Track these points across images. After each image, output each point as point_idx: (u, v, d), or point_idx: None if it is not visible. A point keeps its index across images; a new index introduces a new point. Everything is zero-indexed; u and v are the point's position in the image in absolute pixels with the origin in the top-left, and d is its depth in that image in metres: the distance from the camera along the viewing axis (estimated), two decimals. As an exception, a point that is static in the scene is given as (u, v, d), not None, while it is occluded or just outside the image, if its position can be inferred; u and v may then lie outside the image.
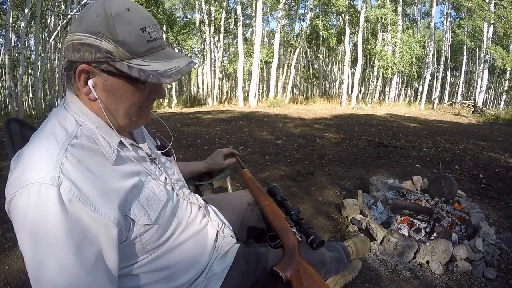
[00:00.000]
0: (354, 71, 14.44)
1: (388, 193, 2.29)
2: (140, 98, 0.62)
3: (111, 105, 0.61)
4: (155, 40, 0.59)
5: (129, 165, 0.64)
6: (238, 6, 13.11)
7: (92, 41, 0.55)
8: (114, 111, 0.62)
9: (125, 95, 0.60)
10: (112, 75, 0.58)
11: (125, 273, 0.64)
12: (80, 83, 0.59)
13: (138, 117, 0.65)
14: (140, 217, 0.61)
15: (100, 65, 0.57)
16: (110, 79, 0.58)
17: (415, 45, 13.42)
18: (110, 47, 0.55)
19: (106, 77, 0.58)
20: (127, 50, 0.56)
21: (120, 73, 0.57)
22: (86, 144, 0.58)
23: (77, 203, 0.51)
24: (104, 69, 0.57)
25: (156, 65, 0.58)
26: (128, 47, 0.56)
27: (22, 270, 1.53)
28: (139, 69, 0.56)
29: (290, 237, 0.81)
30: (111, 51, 0.55)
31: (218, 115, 8.06)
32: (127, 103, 0.61)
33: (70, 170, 0.53)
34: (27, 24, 10.04)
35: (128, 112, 0.62)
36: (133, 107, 0.62)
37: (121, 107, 0.61)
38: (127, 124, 0.65)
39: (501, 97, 17.88)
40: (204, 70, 16.31)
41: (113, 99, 0.60)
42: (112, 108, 0.61)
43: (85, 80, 0.59)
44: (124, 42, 0.55)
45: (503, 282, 1.52)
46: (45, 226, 0.49)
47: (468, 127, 7.24)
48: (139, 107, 0.63)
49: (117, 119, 0.63)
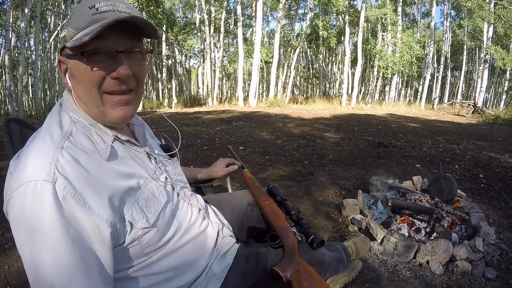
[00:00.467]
0: (354, 71, 14.44)
1: (388, 193, 2.28)
2: (92, 77, 0.58)
3: (77, 91, 0.61)
4: (104, 12, 0.56)
5: (126, 164, 0.64)
6: (238, 6, 13.11)
7: (61, 34, 0.61)
8: (81, 97, 0.61)
9: (80, 76, 0.59)
10: (70, 58, 0.59)
11: (124, 275, 0.63)
12: (62, 75, 0.62)
13: (105, 108, 0.61)
14: (138, 220, 0.60)
15: (64, 51, 0.60)
16: (70, 62, 0.60)
17: (415, 45, 13.42)
18: (65, 31, 0.59)
19: (67, 61, 0.60)
20: (73, 28, 0.58)
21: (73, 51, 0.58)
22: (81, 142, 0.58)
23: (71, 200, 0.51)
24: (66, 55, 0.60)
25: (87, 30, 0.56)
26: (74, 26, 0.58)
27: (22, 270, 1.53)
28: (75, 39, 0.57)
29: (290, 237, 0.81)
30: (65, 34, 0.59)
31: (218, 115, 8.06)
32: (85, 84, 0.59)
33: (65, 167, 0.53)
34: (27, 24, 10.04)
35: (91, 98, 0.60)
36: (92, 89, 0.59)
37: (83, 91, 0.60)
38: (96, 114, 0.62)
39: (501, 97, 17.88)
40: (204, 70, 16.31)
41: (76, 83, 0.61)
42: (79, 94, 0.61)
43: (64, 72, 0.62)
44: (72, 22, 0.58)
45: (503, 282, 1.52)
46: (41, 223, 0.49)
47: (468, 127, 7.24)
48: (103, 92, 0.60)
49: (89, 108, 0.62)
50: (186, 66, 23.47)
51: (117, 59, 0.58)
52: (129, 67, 0.59)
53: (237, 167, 1.16)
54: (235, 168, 1.17)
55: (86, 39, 0.53)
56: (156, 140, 0.85)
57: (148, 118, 7.26)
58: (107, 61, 0.58)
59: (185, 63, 23.27)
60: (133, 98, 0.64)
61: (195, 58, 17.54)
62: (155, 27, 0.61)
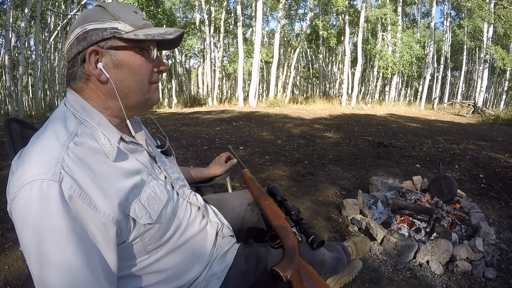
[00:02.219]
0: (354, 71, 14.45)
1: (388, 193, 2.29)
2: (148, 69, 0.66)
3: (122, 81, 0.63)
4: (146, 20, 0.66)
5: (130, 163, 0.64)
6: (238, 6, 13.11)
7: (96, 25, 0.61)
8: (125, 88, 0.64)
9: (135, 67, 0.63)
10: (120, 49, 0.62)
11: (126, 274, 0.64)
12: (91, 65, 0.61)
13: (151, 93, 0.68)
14: (141, 216, 0.61)
15: (107, 42, 0.61)
16: (118, 53, 0.62)
17: (415, 45, 13.41)
18: (114, 24, 0.61)
19: (114, 53, 0.62)
20: (129, 23, 0.62)
21: (129, 44, 0.62)
22: (87, 143, 0.59)
23: (77, 200, 0.52)
24: (112, 46, 0.61)
25: (156, 30, 0.64)
26: (130, 22, 0.62)
27: (22, 270, 1.53)
28: (145, 33, 0.62)
29: (290, 237, 0.81)
30: (116, 26, 0.61)
31: (218, 115, 8.06)
32: (138, 76, 0.64)
33: (71, 167, 0.53)
34: (27, 24, 10.05)
35: (140, 87, 0.65)
36: (143, 80, 0.65)
37: (133, 81, 0.64)
38: (140, 102, 0.67)
39: (501, 97, 17.89)
40: (204, 70, 16.31)
41: (123, 75, 0.63)
42: (124, 85, 0.63)
43: (95, 63, 0.61)
44: (126, 18, 0.62)
45: (503, 282, 1.52)
46: (47, 222, 0.49)
47: (468, 127, 7.24)
48: (149, 83, 0.67)
49: (129, 98, 0.65)
50: (186, 66, 23.48)
51: (157, 58, 0.68)
52: None
53: (235, 161, 1.19)
54: (234, 163, 1.19)
55: (170, 38, 0.63)
56: (152, 141, 0.86)
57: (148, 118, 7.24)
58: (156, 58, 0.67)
59: (185, 63, 23.28)
60: None
61: (195, 58, 17.58)
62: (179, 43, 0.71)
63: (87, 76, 0.62)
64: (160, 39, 0.63)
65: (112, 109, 0.65)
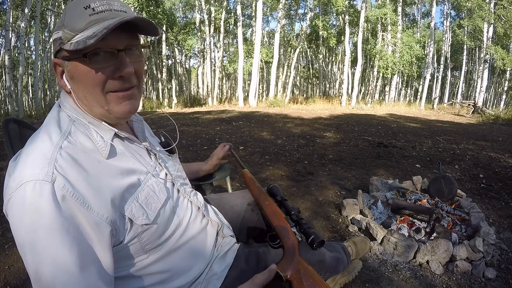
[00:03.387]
0: (354, 71, 14.44)
1: (388, 193, 2.28)
2: (96, 78, 0.58)
3: (78, 93, 0.60)
4: (101, 12, 0.56)
5: (126, 161, 0.64)
6: (238, 6, 13.11)
7: (55, 35, 0.60)
8: (83, 99, 0.61)
9: (81, 78, 0.58)
10: (68, 60, 0.59)
11: (125, 274, 0.64)
12: (58, 77, 0.61)
13: (110, 106, 0.61)
14: (138, 216, 0.60)
15: (60, 53, 0.59)
16: (68, 65, 0.59)
17: (415, 45, 13.42)
18: (60, 33, 0.58)
19: (66, 64, 0.59)
20: (69, 29, 0.57)
21: (69, 53, 0.57)
22: (80, 141, 0.59)
23: (70, 199, 0.51)
24: (63, 57, 0.59)
25: (88, 32, 0.55)
26: (70, 27, 0.56)
27: (22, 270, 1.53)
28: (76, 41, 0.55)
29: (290, 237, 0.81)
30: (60, 35, 0.58)
31: (218, 115, 8.06)
32: (87, 87, 0.59)
33: (64, 167, 0.53)
34: (27, 24, 10.04)
35: (94, 98, 0.59)
36: (95, 91, 0.59)
37: (86, 93, 0.59)
38: (101, 113, 0.62)
39: (501, 97, 17.88)
40: (204, 70, 16.31)
41: (77, 85, 0.60)
42: (80, 96, 0.60)
43: (61, 74, 0.61)
44: (68, 23, 0.57)
45: (503, 282, 1.52)
46: (41, 222, 0.49)
47: (468, 127, 7.24)
48: (107, 92, 0.60)
49: (91, 108, 0.61)
50: (186, 66, 23.48)
51: (119, 58, 0.58)
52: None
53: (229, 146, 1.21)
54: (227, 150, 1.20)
55: (92, 42, 0.53)
56: (155, 138, 0.85)
57: (148, 118, 7.26)
58: (109, 61, 0.58)
59: (185, 63, 23.28)
60: (136, 93, 0.64)
61: (195, 58, 17.60)
62: (156, 25, 0.61)
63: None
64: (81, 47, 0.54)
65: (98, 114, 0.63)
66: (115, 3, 0.58)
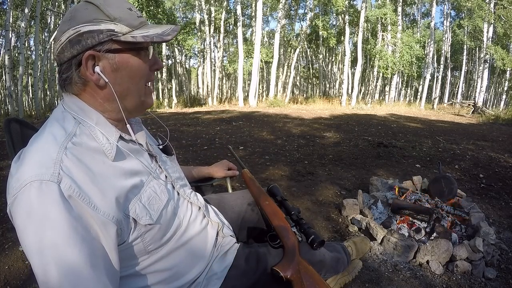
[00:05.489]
0: (354, 71, 14.45)
1: (388, 193, 2.29)
2: (145, 70, 0.65)
3: (121, 85, 0.62)
4: (141, 17, 0.64)
5: (129, 162, 0.64)
6: (238, 6, 13.11)
7: (91, 28, 0.58)
8: (124, 91, 0.63)
9: (133, 70, 0.62)
10: (118, 52, 0.60)
11: (128, 274, 0.64)
12: (89, 71, 0.59)
13: (146, 96, 0.67)
14: (142, 217, 0.61)
15: (104, 45, 0.59)
16: (116, 56, 0.60)
17: (415, 45, 13.42)
18: (110, 26, 0.58)
19: (112, 56, 0.60)
20: (126, 24, 0.60)
21: (126, 46, 0.60)
22: (85, 142, 0.59)
23: (77, 200, 0.51)
24: (109, 49, 0.59)
25: (154, 30, 0.62)
26: (126, 22, 0.60)
27: (22, 270, 1.53)
28: (142, 35, 0.60)
29: (290, 237, 0.81)
30: (112, 28, 0.58)
31: (218, 115, 8.06)
32: (136, 78, 0.63)
33: (70, 167, 0.53)
34: (27, 24, 10.03)
35: (138, 89, 0.65)
36: (141, 82, 0.65)
37: (131, 84, 0.63)
38: (137, 104, 0.66)
39: (501, 97, 17.88)
40: (204, 70, 16.31)
41: (122, 78, 0.62)
42: (123, 88, 0.62)
43: (92, 67, 0.59)
44: (121, 18, 0.59)
45: (503, 282, 1.52)
46: (49, 222, 0.49)
47: (468, 127, 7.24)
48: (146, 84, 0.66)
49: (127, 101, 0.64)
50: (186, 66, 23.48)
51: (153, 55, 0.66)
52: None
53: (237, 173, 1.19)
54: (235, 174, 1.19)
55: (169, 38, 0.61)
56: (153, 140, 0.85)
57: (148, 118, 7.25)
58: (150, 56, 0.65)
59: (185, 63, 23.27)
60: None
61: (195, 58, 17.61)
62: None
63: (83, 80, 0.60)
64: (159, 41, 0.61)
65: (110, 111, 0.64)
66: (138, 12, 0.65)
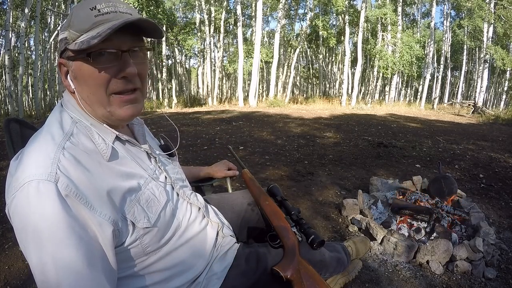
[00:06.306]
0: (354, 71, 14.44)
1: (388, 193, 2.28)
2: (100, 79, 0.58)
3: (82, 93, 0.61)
4: (106, 13, 0.57)
5: (126, 164, 0.64)
6: (238, 6, 13.10)
7: (61, 35, 0.60)
8: (86, 99, 0.61)
9: (85, 78, 0.59)
10: (72, 60, 0.59)
11: (126, 274, 0.64)
12: (62, 76, 0.62)
13: (112, 108, 0.61)
14: (140, 219, 0.61)
15: (65, 53, 0.60)
16: (73, 65, 0.59)
17: (415, 45, 13.42)
18: (66, 33, 0.58)
19: (71, 64, 0.60)
20: (75, 29, 0.57)
21: (76, 53, 0.58)
22: (82, 143, 0.59)
23: (74, 199, 0.52)
24: (68, 57, 0.60)
25: (93, 32, 0.56)
26: (76, 27, 0.57)
27: (22, 270, 1.53)
28: (80, 41, 0.56)
29: (290, 237, 0.81)
30: (66, 36, 0.58)
31: (218, 115, 8.06)
32: (92, 87, 0.59)
33: (67, 167, 0.53)
34: (27, 24, 10.04)
35: (97, 99, 0.60)
36: (99, 92, 0.59)
37: (89, 93, 0.60)
38: (104, 115, 0.62)
39: (501, 97, 17.88)
40: (204, 70, 16.31)
41: (81, 85, 0.60)
42: (84, 96, 0.61)
43: (65, 74, 0.62)
44: (73, 24, 0.58)
45: (503, 282, 1.52)
46: (46, 222, 0.49)
47: (468, 127, 7.24)
48: (110, 93, 0.60)
49: (94, 109, 0.62)
50: (186, 66, 23.48)
51: (123, 59, 0.59)
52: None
53: (237, 173, 1.19)
54: (235, 174, 1.19)
55: (95, 42, 0.54)
56: (155, 141, 0.85)
57: (148, 118, 7.26)
58: (112, 61, 0.58)
59: (185, 63, 23.28)
60: (139, 96, 0.65)
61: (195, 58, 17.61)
62: (160, 28, 0.62)
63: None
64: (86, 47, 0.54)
65: (101, 116, 0.63)
66: (120, 5, 0.59)
